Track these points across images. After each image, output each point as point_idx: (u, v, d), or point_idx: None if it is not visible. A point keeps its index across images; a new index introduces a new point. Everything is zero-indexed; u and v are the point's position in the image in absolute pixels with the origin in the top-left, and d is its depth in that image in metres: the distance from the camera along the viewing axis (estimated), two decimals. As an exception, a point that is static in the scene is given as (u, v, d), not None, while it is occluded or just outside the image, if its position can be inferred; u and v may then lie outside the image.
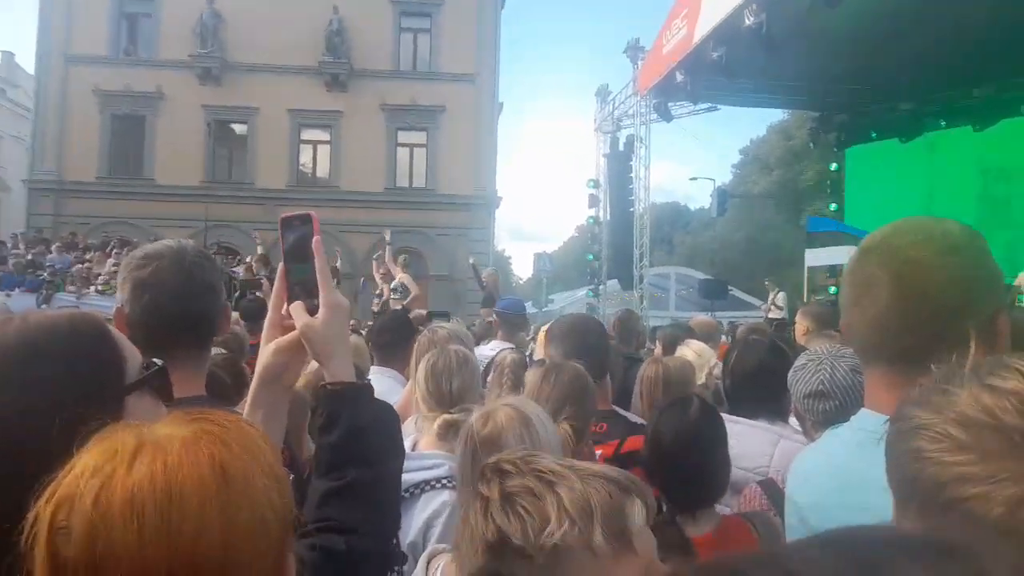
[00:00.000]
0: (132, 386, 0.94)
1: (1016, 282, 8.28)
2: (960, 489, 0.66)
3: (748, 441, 2.25)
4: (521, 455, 1.07)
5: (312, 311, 1.12)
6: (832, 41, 10.96)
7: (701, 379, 3.24)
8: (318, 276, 1.13)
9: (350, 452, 1.10)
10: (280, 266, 1.15)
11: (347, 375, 1.14)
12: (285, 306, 1.14)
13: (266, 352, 1.15)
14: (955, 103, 12.93)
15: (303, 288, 1.13)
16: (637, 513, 0.95)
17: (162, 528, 0.64)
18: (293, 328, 1.13)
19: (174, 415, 0.74)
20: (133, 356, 0.96)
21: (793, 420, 2.47)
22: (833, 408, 1.90)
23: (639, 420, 2.62)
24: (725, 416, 2.13)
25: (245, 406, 1.17)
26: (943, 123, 13.23)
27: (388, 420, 1.17)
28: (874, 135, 14.34)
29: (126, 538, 0.63)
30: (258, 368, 1.17)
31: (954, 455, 0.67)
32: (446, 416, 1.99)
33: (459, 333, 3.12)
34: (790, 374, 2.11)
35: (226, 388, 2.74)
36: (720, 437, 1.94)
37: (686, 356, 3.32)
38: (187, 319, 1.52)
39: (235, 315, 5.55)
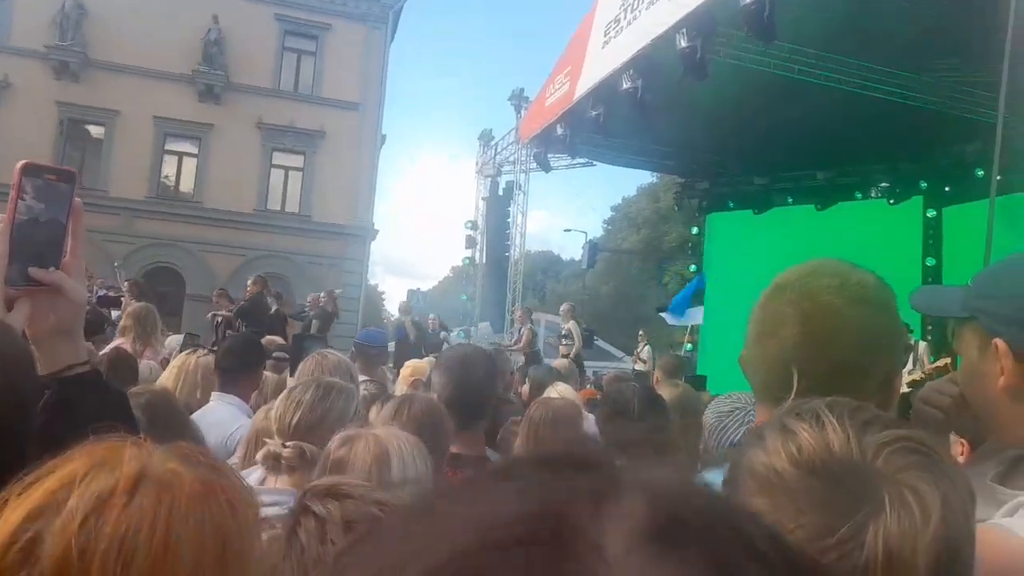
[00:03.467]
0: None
1: (939, 362, 8.94)
2: None
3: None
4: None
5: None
6: (699, 112, 11.81)
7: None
8: (72, 241, 1.01)
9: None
10: (5, 219, 0.96)
11: (85, 354, 1.01)
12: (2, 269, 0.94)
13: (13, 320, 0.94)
14: (801, 183, 14.26)
15: (50, 250, 0.98)
16: None
17: None
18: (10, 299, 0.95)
19: (175, 446, 0.64)
20: None
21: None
22: None
23: None
24: None
25: None
26: (790, 200, 14.52)
27: (124, 405, 1.06)
28: (731, 204, 15.49)
29: None
30: None
31: (755, 499, 0.70)
32: (270, 447, 1.84)
33: (346, 364, 3.00)
34: (713, 420, 2.10)
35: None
36: None
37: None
38: None
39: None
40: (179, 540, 0.56)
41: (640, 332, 14.53)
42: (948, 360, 8.96)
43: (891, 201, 13.22)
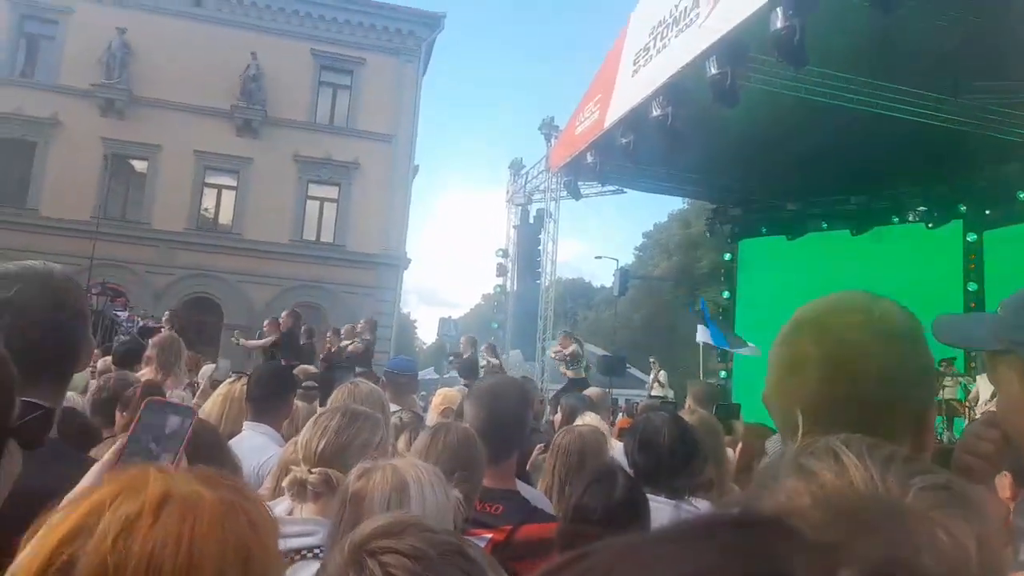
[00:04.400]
0: (18, 429, 0.86)
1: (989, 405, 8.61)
2: None
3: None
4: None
5: None
6: (730, 139, 11.76)
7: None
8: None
9: None
10: (123, 442, 1.01)
11: None
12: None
13: None
14: (835, 208, 14.06)
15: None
16: None
17: None
18: None
19: (196, 469, 0.69)
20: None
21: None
22: None
23: (539, 503, 2.43)
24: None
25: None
26: (825, 225, 14.32)
27: None
28: (764, 230, 15.33)
29: None
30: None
31: None
32: (296, 473, 1.84)
33: (377, 393, 3.01)
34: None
35: (88, 434, 2.48)
36: (646, 515, 1.89)
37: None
38: (51, 349, 1.31)
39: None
40: (202, 555, 0.59)
41: (651, 359, 14.66)
42: None
43: (929, 225, 12.95)
